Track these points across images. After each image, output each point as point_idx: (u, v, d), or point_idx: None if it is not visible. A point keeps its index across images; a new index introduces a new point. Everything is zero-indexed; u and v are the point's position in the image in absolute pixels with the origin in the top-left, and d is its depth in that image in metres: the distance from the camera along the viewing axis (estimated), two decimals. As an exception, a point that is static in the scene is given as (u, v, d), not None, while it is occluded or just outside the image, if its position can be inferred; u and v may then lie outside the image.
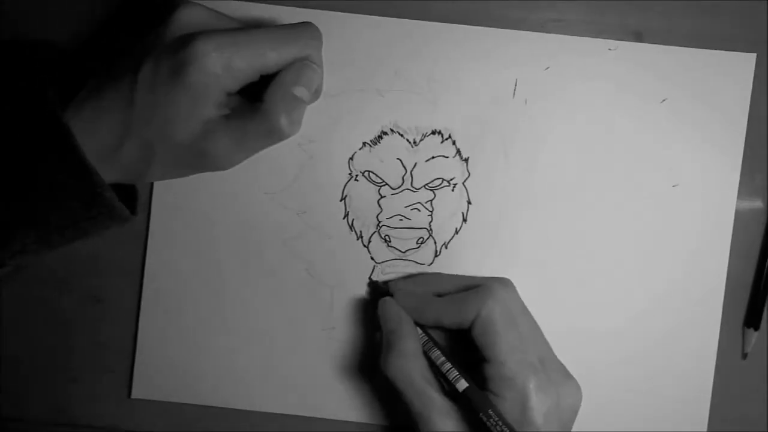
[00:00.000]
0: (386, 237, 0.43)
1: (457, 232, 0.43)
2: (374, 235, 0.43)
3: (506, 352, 0.38)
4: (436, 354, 0.40)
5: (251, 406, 0.44)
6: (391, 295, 0.41)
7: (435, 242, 0.43)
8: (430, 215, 0.43)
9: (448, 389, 0.39)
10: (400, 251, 0.43)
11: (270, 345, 0.44)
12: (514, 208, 0.43)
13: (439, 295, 0.41)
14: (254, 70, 0.36)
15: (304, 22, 0.37)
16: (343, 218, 0.44)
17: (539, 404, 0.37)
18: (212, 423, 0.44)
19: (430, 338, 0.40)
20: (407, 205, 0.43)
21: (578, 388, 0.39)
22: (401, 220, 0.43)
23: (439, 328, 0.40)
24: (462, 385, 0.38)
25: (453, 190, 0.43)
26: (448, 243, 0.43)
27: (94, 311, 0.44)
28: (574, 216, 0.43)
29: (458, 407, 0.38)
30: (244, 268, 0.44)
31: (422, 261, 0.43)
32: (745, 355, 0.44)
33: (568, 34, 0.43)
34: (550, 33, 0.43)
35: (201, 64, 0.34)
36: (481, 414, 0.37)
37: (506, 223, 0.43)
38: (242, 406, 0.44)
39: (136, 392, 0.44)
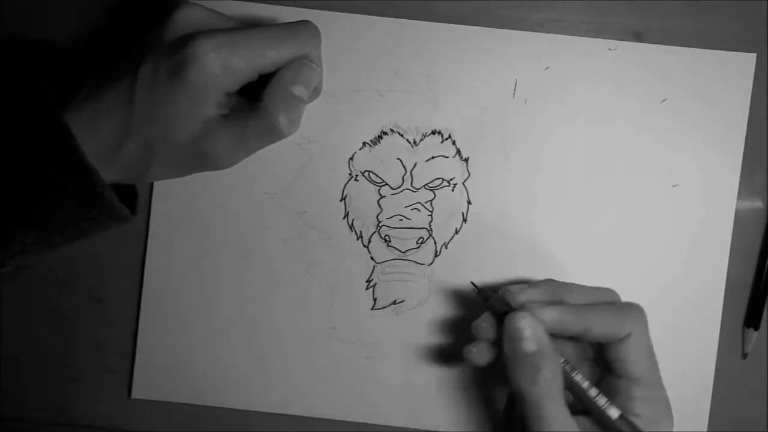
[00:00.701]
0: (386, 237, 0.43)
1: (457, 232, 0.43)
2: (374, 235, 0.43)
3: (656, 372, 0.37)
4: (580, 377, 0.36)
5: (251, 406, 0.44)
6: (510, 306, 0.37)
7: (435, 242, 0.43)
8: (430, 215, 0.43)
9: (580, 407, 0.36)
10: (400, 251, 0.43)
11: (270, 345, 0.44)
12: (514, 208, 0.43)
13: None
14: (253, 70, 0.36)
15: (302, 21, 0.37)
16: (343, 218, 0.44)
17: (670, 424, 0.37)
18: (212, 423, 0.44)
19: (565, 359, 0.37)
20: (407, 205, 0.43)
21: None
22: (401, 220, 0.43)
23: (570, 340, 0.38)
24: (614, 412, 0.35)
25: (453, 190, 0.43)
26: (448, 243, 0.43)
27: (94, 311, 0.44)
28: (574, 216, 0.43)
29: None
30: (244, 268, 0.44)
31: (422, 261, 0.43)
32: (745, 355, 0.44)
33: (568, 34, 0.43)
34: (550, 33, 0.43)
35: (200, 64, 0.34)
36: None
37: (506, 223, 0.43)
38: (242, 406, 0.44)
39: (136, 392, 0.44)
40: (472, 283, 0.40)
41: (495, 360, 0.38)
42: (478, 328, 0.38)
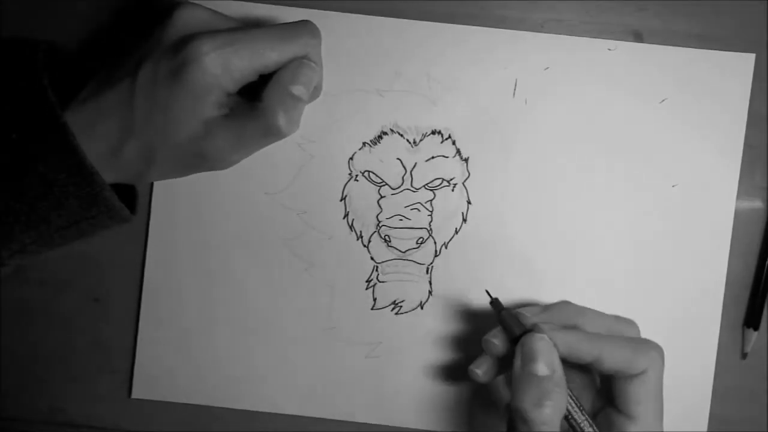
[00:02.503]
0: (386, 237, 0.43)
1: (457, 232, 0.43)
2: (374, 235, 0.44)
3: (658, 417, 0.36)
4: (576, 408, 0.36)
5: (251, 406, 0.44)
6: (527, 328, 0.37)
7: (435, 242, 0.43)
8: (430, 215, 0.43)
9: None
10: (400, 251, 0.43)
11: (270, 345, 0.44)
12: (514, 208, 0.43)
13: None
14: (253, 70, 0.36)
15: (302, 21, 0.37)
16: (343, 218, 0.44)
17: None
18: (212, 423, 0.44)
19: (570, 389, 0.36)
20: (407, 205, 0.43)
21: None
22: (401, 220, 0.43)
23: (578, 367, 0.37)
24: None
25: (453, 190, 0.43)
26: (448, 243, 0.43)
27: (94, 311, 0.44)
28: (574, 216, 0.43)
29: None
30: (244, 269, 0.44)
31: (422, 261, 0.43)
32: (745, 355, 0.44)
33: (567, 35, 0.43)
34: (549, 33, 0.43)
35: (201, 65, 0.34)
36: None
37: (506, 223, 0.43)
38: (242, 406, 0.44)
39: (136, 392, 0.44)
40: (487, 292, 0.38)
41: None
42: (489, 343, 0.37)
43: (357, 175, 0.43)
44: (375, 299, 0.44)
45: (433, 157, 0.43)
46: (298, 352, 0.44)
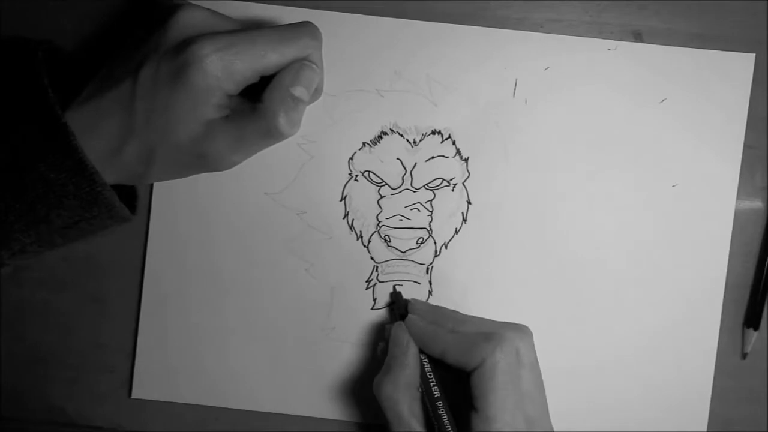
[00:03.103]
0: (386, 237, 0.43)
1: (457, 232, 0.43)
2: (374, 235, 0.44)
3: (498, 408, 0.36)
4: (433, 390, 0.39)
5: (251, 406, 0.44)
6: (404, 317, 0.41)
7: (435, 242, 0.43)
8: (430, 215, 0.43)
9: (436, 426, 0.38)
10: (400, 251, 0.43)
11: (270, 345, 0.44)
12: (514, 208, 0.43)
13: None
14: (254, 72, 0.36)
15: (303, 22, 0.37)
16: (343, 218, 0.44)
17: None
18: (212, 423, 0.44)
19: (432, 370, 0.39)
20: (407, 205, 0.43)
21: None
22: (401, 220, 0.43)
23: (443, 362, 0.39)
24: None
25: (453, 190, 0.43)
26: (448, 243, 0.43)
27: (94, 311, 0.44)
28: (574, 216, 0.43)
29: None
30: (244, 268, 0.44)
31: (422, 261, 0.43)
32: (744, 355, 0.44)
33: (568, 34, 0.43)
34: (550, 33, 0.43)
35: (201, 67, 0.34)
36: None
37: (506, 223, 0.43)
38: (242, 406, 0.44)
39: (136, 392, 0.44)
40: (394, 287, 0.43)
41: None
42: (384, 329, 0.42)
43: (357, 175, 0.43)
44: (375, 299, 0.44)
45: (433, 157, 0.43)
46: (297, 352, 0.44)
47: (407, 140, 0.43)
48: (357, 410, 0.44)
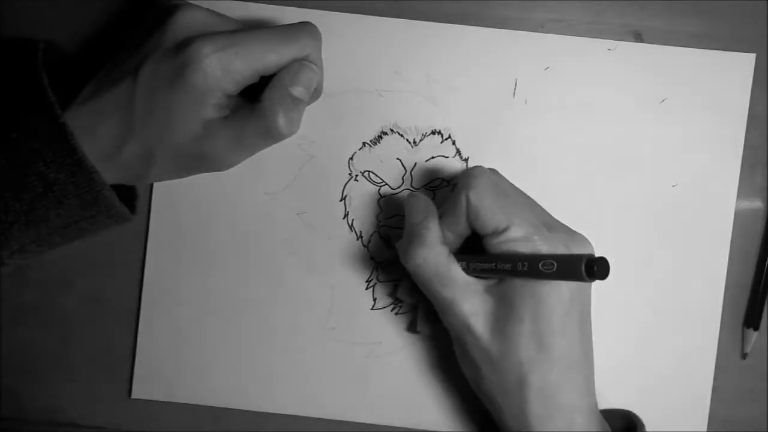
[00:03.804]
0: (386, 237, 0.43)
1: (457, 232, 0.43)
2: (374, 235, 0.44)
3: (508, 216, 0.37)
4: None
5: (251, 406, 0.44)
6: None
7: (435, 242, 0.43)
8: (430, 215, 0.43)
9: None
10: (400, 251, 0.43)
11: (270, 345, 0.44)
12: (514, 208, 0.43)
13: None
14: (254, 72, 0.36)
15: (303, 22, 0.37)
16: (343, 218, 0.44)
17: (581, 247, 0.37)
18: (211, 423, 0.44)
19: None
20: (407, 205, 0.43)
21: (585, 240, 0.38)
22: (401, 220, 0.43)
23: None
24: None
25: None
26: (448, 243, 0.43)
27: (94, 311, 0.44)
28: (574, 216, 0.43)
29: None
30: (244, 269, 0.44)
31: (422, 261, 0.43)
32: (744, 355, 0.44)
33: (568, 35, 0.43)
34: (550, 33, 0.43)
35: (201, 67, 0.34)
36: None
37: (506, 223, 0.43)
38: (242, 406, 0.44)
39: (136, 392, 0.44)
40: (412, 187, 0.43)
41: None
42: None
43: (357, 175, 0.43)
44: (375, 299, 0.44)
45: (433, 157, 0.43)
46: (297, 352, 0.44)
47: (407, 140, 0.43)
48: (357, 410, 0.44)
